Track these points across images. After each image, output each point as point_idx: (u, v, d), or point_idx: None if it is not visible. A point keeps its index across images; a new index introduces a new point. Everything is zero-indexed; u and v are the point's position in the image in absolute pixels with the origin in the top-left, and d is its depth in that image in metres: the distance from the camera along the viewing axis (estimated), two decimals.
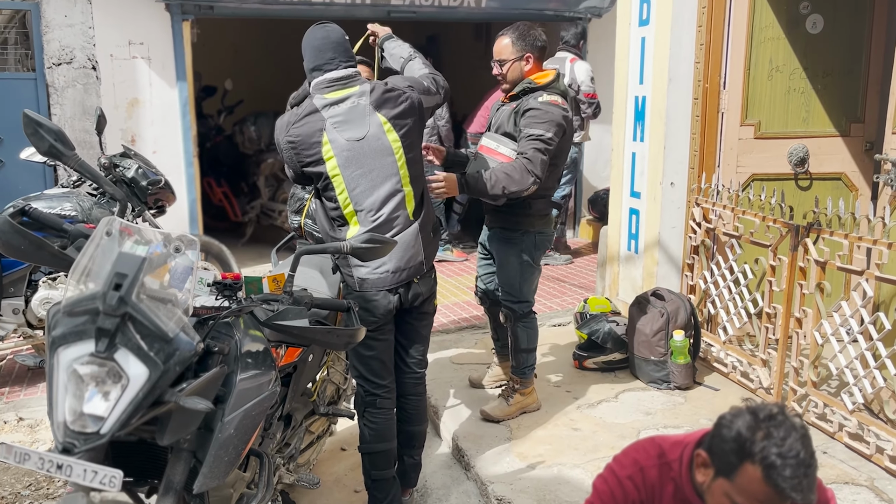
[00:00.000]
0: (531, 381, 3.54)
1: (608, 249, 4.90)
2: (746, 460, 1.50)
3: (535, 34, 3.23)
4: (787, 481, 1.45)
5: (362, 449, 2.77)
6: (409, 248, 2.67)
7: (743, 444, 1.50)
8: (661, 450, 1.78)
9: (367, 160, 2.57)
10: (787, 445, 1.47)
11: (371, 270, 2.62)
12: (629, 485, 1.73)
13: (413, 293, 2.75)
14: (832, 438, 3.15)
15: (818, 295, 3.22)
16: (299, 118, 2.58)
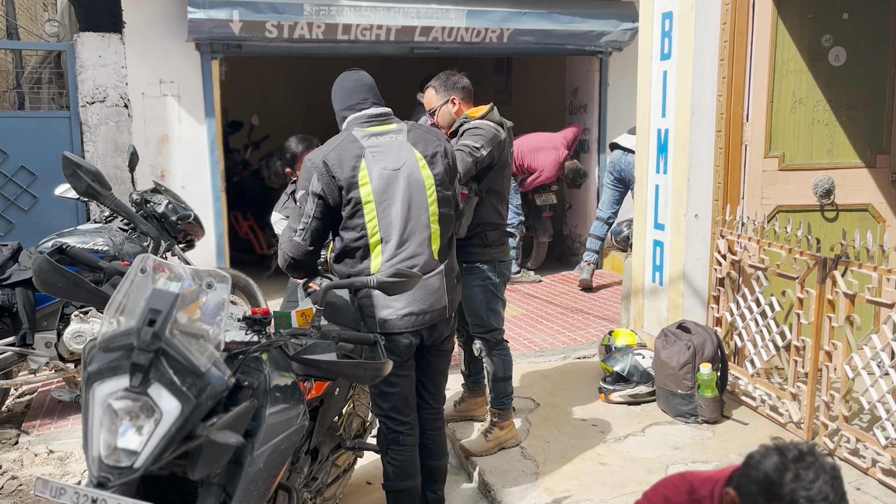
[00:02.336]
0: (509, 414, 3.56)
1: (633, 281, 4.89)
2: (774, 502, 1.48)
3: (454, 79, 3.46)
4: None
5: (387, 487, 2.76)
6: (434, 292, 2.69)
7: (771, 487, 1.49)
8: (691, 486, 1.77)
9: (401, 191, 2.60)
10: (816, 489, 1.45)
11: (394, 311, 2.62)
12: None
13: (435, 335, 2.77)
14: (865, 474, 3.09)
15: (848, 328, 3.19)
16: (338, 144, 2.61)
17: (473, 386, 3.91)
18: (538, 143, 6.56)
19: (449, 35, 6.09)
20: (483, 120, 3.33)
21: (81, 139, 5.43)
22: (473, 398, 3.90)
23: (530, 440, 3.62)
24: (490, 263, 3.44)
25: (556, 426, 3.77)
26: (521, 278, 6.87)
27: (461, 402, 3.92)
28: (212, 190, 5.80)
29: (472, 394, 3.91)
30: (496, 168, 3.32)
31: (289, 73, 9.40)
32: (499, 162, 3.32)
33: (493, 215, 3.39)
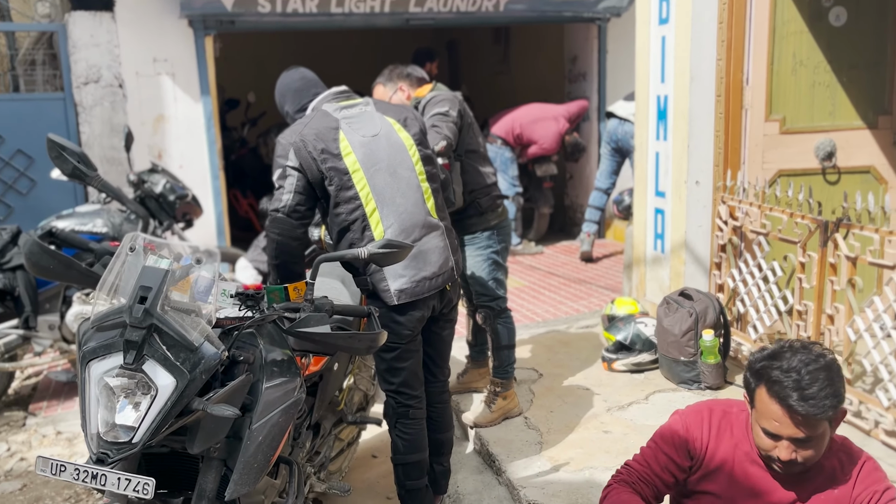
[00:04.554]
0: (511, 383, 3.57)
1: (634, 250, 4.87)
2: (759, 384, 1.62)
3: (398, 70, 3.48)
4: (785, 391, 1.55)
5: (395, 460, 2.77)
6: (440, 253, 2.68)
7: (756, 371, 1.63)
8: (727, 403, 1.87)
9: (385, 155, 2.59)
10: (792, 364, 1.57)
11: (408, 279, 2.61)
12: (690, 420, 1.79)
13: (445, 301, 2.76)
14: (868, 436, 3.09)
15: (850, 291, 3.17)
16: (311, 120, 2.60)
17: (478, 357, 3.91)
18: (537, 115, 6.49)
19: (444, 5, 6.01)
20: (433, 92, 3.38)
21: (77, 121, 5.40)
22: (476, 369, 3.91)
23: (534, 410, 3.63)
24: (489, 230, 3.44)
25: (560, 396, 3.77)
26: (523, 250, 6.86)
27: (464, 374, 3.93)
28: (210, 169, 5.77)
29: (476, 364, 3.91)
30: (465, 128, 3.33)
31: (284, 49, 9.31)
32: (465, 121, 3.33)
33: (479, 177, 3.37)
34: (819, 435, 1.59)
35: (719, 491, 1.75)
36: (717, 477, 1.75)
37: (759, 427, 1.65)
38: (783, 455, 1.61)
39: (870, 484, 1.68)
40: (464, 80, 9.96)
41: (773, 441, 1.62)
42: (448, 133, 3.12)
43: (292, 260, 2.58)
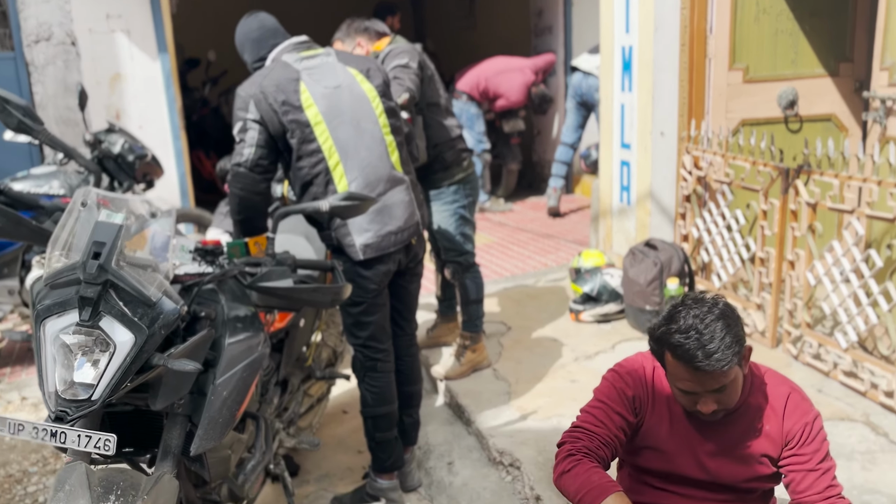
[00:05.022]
0: (480, 336, 3.59)
1: (601, 203, 4.88)
2: (663, 350, 1.64)
3: (355, 24, 3.41)
4: (688, 353, 1.57)
5: (365, 413, 2.78)
6: (406, 207, 2.65)
7: (658, 338, 1.65)
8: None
9: (348, 107, 2.54)
10: (688, 322, 1.58)
11: (374, 234, 2.58)
12: (629, 379, 1.79)
13: (411, 255, 2.75)
14: (827, 377, 3.17)
15: (810, 236, 3.22)
16: (270, 71, 2.52)
17: (446, 311, 3.93)
18: (502, 67, 6.42)
19: None
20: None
21: (29, 80, 5.22)
22: (445, 324, 3.92)
23: (502, 362, 3.66)
24: (455, 185, 3.43)
25: (528, 347, 3.81)
26: (491, 207, 6.85)
27: (433, 329, 3.94)
28: (171, 129, 5.63)
29: (445, 319, 3.93)
30: (425, 80, 3.28)
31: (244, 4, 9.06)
32: (425, 73, 3.29)
33: (442, 131, 3.33)
34: (732, 380, 1.62)
35: (660, 445, 1.77)
36: (657, 432, 1.77)
37: (676, 388, 1.67)
38: (707, 408, 1.64)
39: (800, 416, 1.71)
40: (429, 36, 9.81)
41: (692, 398, 1.65)
42: (410, 85, 3.07)
43: (255, 215, 2.54)
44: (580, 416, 1.81)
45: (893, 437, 2.72)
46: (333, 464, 3.16)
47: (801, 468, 1.69)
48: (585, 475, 1.65)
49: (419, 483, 2.95)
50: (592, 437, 1.73)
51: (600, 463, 1.70)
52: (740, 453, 1.74)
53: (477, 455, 3.05)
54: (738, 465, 1.74)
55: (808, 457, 1.69)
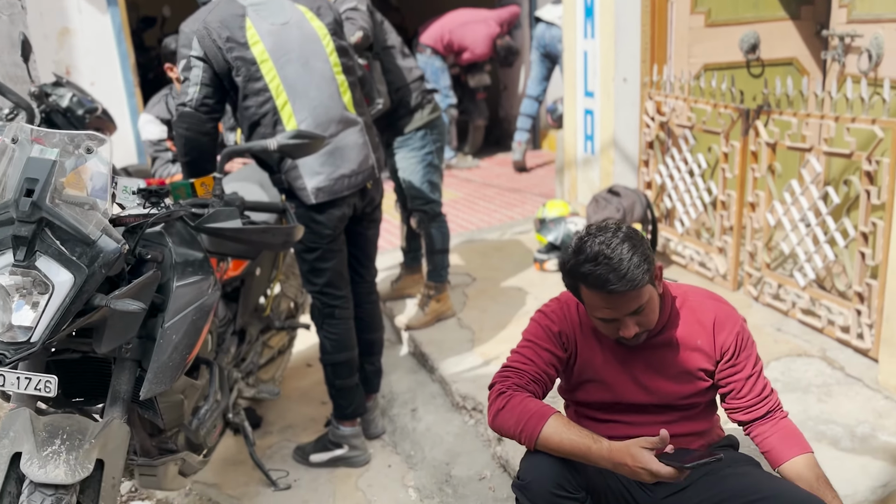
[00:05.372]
0: (445, 287, 3.57)
1: (565, 154, 4.85)
2: (577, 283, 1.64)
3: None
4: (600, 279, 1.57)
5: (324, 360, 2.74)
6: (359, 150, 2.59)
7: (570, 272, 1.65)
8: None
9: (296, 45, 2.46)
10: (595, 250, 1.59)
11: (325, 177, 2.52)
12: (555, 316, 1.80)
13: (367, 199, 2.69)
14: (786, 316, 3.20)
15: (770, 177, 3.22)
16: (215, 6, 2.42)
17: (411, 263, 3.90)
18: (466, 19, 6.31)
19: None
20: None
21: None
22: (410, 276, 3.89)
23: (467, 311, 3.64)
24: (423, 129, 3.38)
25: (492, 297, 3.79)
26: (458, 163, 6.78)
27: (398, 281, 3.91)
28: (124, 86, 5.46)
29: (409, 271, 3.90)
30: (376, 25, 3.21)
31: None
32: (375, 18, 3.22)
33: (402, 73, 3.29)
34: (648, 300, 1.63)
35: (598, 376, 1.78)
36: (592, 364, 1.78)
37: (596, 319, 1.68)
38: (628, 332, 1.64)
39: (731, 329, 1.75)
40: None
41: (613, 325, 1.66)
42: (364, 24, 2.99)
43: (203, 157, 2.46)
44: (509, 357, 1.81)
45: (849, 370, 2.76)
46: (297, 415, 3.13)
47: (739, 377, 1.76)
48: (520, 407, 1.64)
49: (383, 430, 2.94)
50: (521, 374, 1.73)
51: (534, 396, 1.70)
52: (676, 370, 1.76)
53: (440, 401, 3.05)
54: (676, 382, 1.76)
55: (743, 364, 1.75)
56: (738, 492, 1.64)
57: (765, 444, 1.76)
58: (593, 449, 1.55)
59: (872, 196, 2.68)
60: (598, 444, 1.55)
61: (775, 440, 1.74)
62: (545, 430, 1.59)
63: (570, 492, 1.61)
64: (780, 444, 1.73)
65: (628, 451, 1.50)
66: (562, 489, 1.60)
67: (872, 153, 2.67)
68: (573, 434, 1.58)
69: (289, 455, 2.84)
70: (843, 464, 2.25)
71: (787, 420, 1.78)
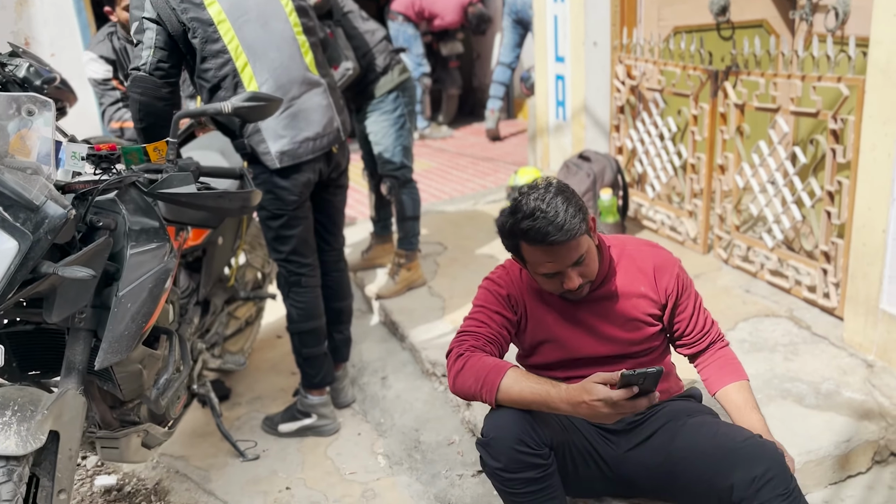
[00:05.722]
0: (415, 255, 3.55)
1: (537, 121, 4.81)
2: (517, 241, 1.66)
3: None
4: (540, 233, 1.59)
5: (291, 329, 2.71)
6: (324, 112, 2.53)
7: (509, 232, 1.66)
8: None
9: (253, 4, 2.38)
10: (531, 206, 1.61)
11: (289, 141, 2.46)
12: (502, 281, 1.82)
13: (333, 164, 2.64)
14: (755, 278, 3.21)
15: (738, 139, 3.21)
16: None
17: (381, 232, 3.86)
18: None
19: None
20: None
21: None
22: (381, 245, 3.85)
23: (438, 280, 3.62)
24: (394, 91, 3.34)
25: (464, 265, 3.77)
26: (431, 133, 6.72)
27: (368, 251, 3.87)
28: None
29: (380, 240, 3.86)
30: None
31: None
32: None
33: (366, 36, 3.24)
34: (587, 250, 1.67)
35: (552, 335, 1.79)
36: (544, 324, 1.79)
37: (539, 276, 1.70)
38: (572, 284, 1.67)
39: (670, 272, 1.80)
40: None
41: (556, 279, 1.68)
42: None
43: (160, 123, 2.38)
44: (463, 323, 1.80)
45: (815, 329, 2.77)
46: (266, 386, 3.10)
47: (684, 316, 1.83)
48: (478, 365, 1.63)
49: (353, 399, 2.92)
50: (477, 337, 1.73)
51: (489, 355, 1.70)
52: (624, 318, 1.78)
53: (411, 368, 3.03)
54: (627, 329, 1.79)
55: (685, 304, 1.82)
56: (693, 443, 1.65)
57: (704, 373, 1.87)
58: (552, 393, 1.54)
59: (838, 155, 2.67)
60: (556, 389, 1.54)
61: (712, 369, 1.85)
62: (504, 382, 1.58)
63: (533, 448, 1.60)
64: (716, 372, 1.84)
65: (584, 387, 1.50)
66: (524, 445, 1.59)
67: (838, 111, 2.66)
68: (532, 382, 1.58)
69: (258, 426, 2.82)
70: (807, 420, 2.27)
71: (725, 350, 1.88)
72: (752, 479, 1.51)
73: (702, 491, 1.61)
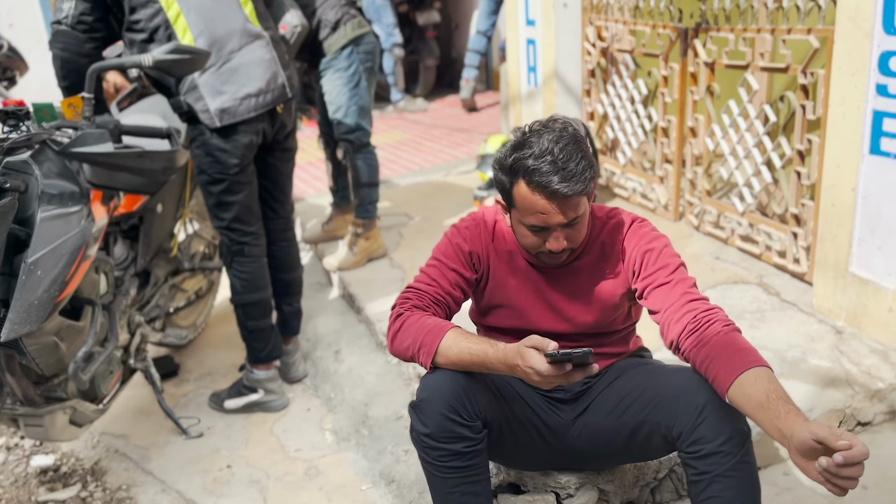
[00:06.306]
0: (373, 223, 3.38)
1: (510, 88, 4.66)
2: (515, 180, 1.47)
3: None
4: (545, 176, 1.41)
5: (234, 300, 2.58)
6: (266, 66, 2.39)
7: (509, 167, 1.47)
8: (495, 211, 1.70)
9: None
10: (543, 146, 1.43)
11: (229, 97, 2.32)
12: (467, 233, 1.66)
13: (277, 125, 2.50)
14: (726, 244, 3.08)
15: (708, 99, 3.07)
16: None
17: (341, 202, 3.72)
18: None
19: None
20: None
21: None
22: (341, 216, 3.71)
23: (400, 251, 3.49)
24: (348, 47, 3.16)
25: (429, 236, 3.64)
26: (405, 106, 6.55)
27: (328, 222, 3.73)
28: (45, 27, 5.14)
29: (340, 211, 3.72)
30: None
31: None
32: None
33: None
34: (583, 213, 1.49)
35: (510, 301, 1.66)
36: (504, 287, 1.65)
37: (524, 226, 1.51)
38: (556, 245, 1.49)
39: (636, 243, 1.59)
40: None
41: (542, 236, 1.50)
42: None
43: (83, 80, 2.23)
44: (416, 276, 1.67)
45: (784, 295, 2.66)
46: (217, 362, 2.98)
47: (652, 287, 1.55)
48: (417, 325, 1.52)
49: (304, 374, 2.80)
50: (422, 296, 1.60)
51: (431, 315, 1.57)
52: (592, 298, 1.63)
53: (365, 342, 2.91)
54: (592, 311, 1.63)
55: (655, 275, 1.55)
56: (636, 387, 1.57)
57: (707, 371, 1.39)
58: (490, 354, 1.43)
59: (808, 111, 2.54)
60: (494, 349, 1.43)
61: (716, 365, 1.38)
62: (443, 344, 1.47)
63: (465, 419, 1.48)
64: (720, 367, 1.36)
65: (518, 350, 1.39)
66: (455, 413, 1.47)
67: (808, 65, 2.52)
68: (471, 342, 1.47)
69: (205, 402, 2.70)
70: None
71: (721, 334, 1.41)
72: (696, 406, 1.40)
73: (647, 436, 1.52)
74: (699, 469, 1.39)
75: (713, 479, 1.37)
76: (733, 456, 1.37)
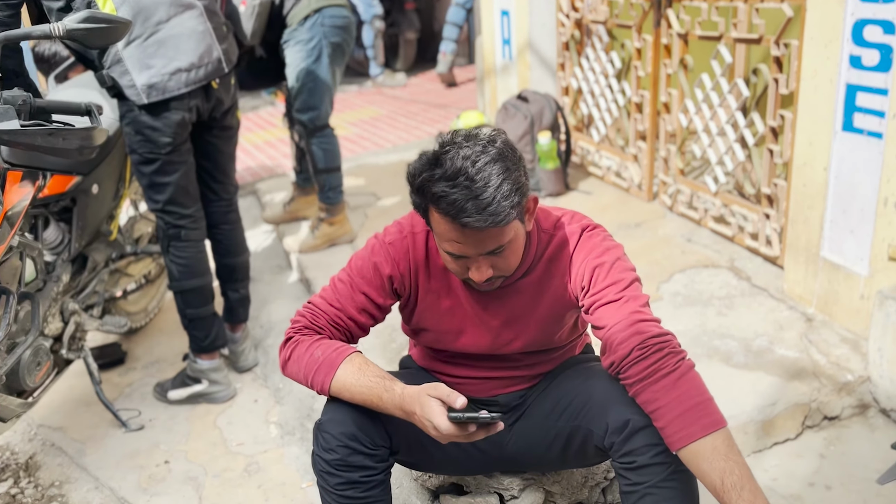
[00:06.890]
0: (339, 208, 3.20)
1: (484, 61, 4.50)
2: (426, 204, 1.26)
3: None
4: (454, 206, 1.19)
5: (172, 287, 2.43)
6: (200, 39, 2.23)
7: (419, 188, 1.25)
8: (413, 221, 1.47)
9: None
10: (457, 165, 1.20)
11: (157, 72, 2.16)
12: (392, 249, 1.43)
13: (213, 102, 2.34)
14: (699, 225, 2.95)
15: (682, 73, 2.92)
16: None
17: (303, 184, 3.57)
18: None
19: None
20: None
21: None
22: (303, 196, 3.57)
23: (364, 233, 3.35)
24: (310, 17, 2.96)
25: (395, 216, 3.45)
26: (385, 81, 6.38)
27: (290, 203, 3.59)
28: None
29: (302, 192, 3.57)
30: None
31: None
32: None
33: None
34: (511, 239, 1.28)
35: (442, 325, 1.46)
36: (435, 310, 1.45)
37: (444, 252, 1.31)
38: (479, 276, 1.29)
39: (584, 257, 1.38)
40: None
41: (463, 263, 1.30)
42: None
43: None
44: (324, 287, 1.48)
45: (755, 280, 2.53)
46: (167, 349, 2.86)
47: (599, 304, 1.34)
48: (307, 356, 1.36)
49: (255, 363, 2.68)
50: (318, 316, 1.41)
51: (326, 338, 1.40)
52: (537, 317, 1.43)
53: None
54: (537, 333, 1.45)
55: (604, 292, 1.34)
56: (562, 394, 1.45)
57: (654, 417, 1.25)
58: (384, 399, 1.29)
59: (781, 85, 2.39)
60: (389, 394, 1.28)
61: (666, 416, 1.22)
62: (335, 384, 1.33)
63: (367, 447, 1.35)
64: (672, 421, 1.22)
65: (418, 399, 1.24)
66: (356, 441, 1.34)
67: (781, 35, 2.37)
68: (365, 380, 1.31)
69: (150, 393, 2.58)
70: (731, 382, 2.04)
71: (674, 375, 1.24)
72: (626, 421, 1.28)
73: (581, 443, 1.40)
74: (632, 480, 1.27)
75: (647, 490, 1.25)
76: (667, 466, 1.24)
